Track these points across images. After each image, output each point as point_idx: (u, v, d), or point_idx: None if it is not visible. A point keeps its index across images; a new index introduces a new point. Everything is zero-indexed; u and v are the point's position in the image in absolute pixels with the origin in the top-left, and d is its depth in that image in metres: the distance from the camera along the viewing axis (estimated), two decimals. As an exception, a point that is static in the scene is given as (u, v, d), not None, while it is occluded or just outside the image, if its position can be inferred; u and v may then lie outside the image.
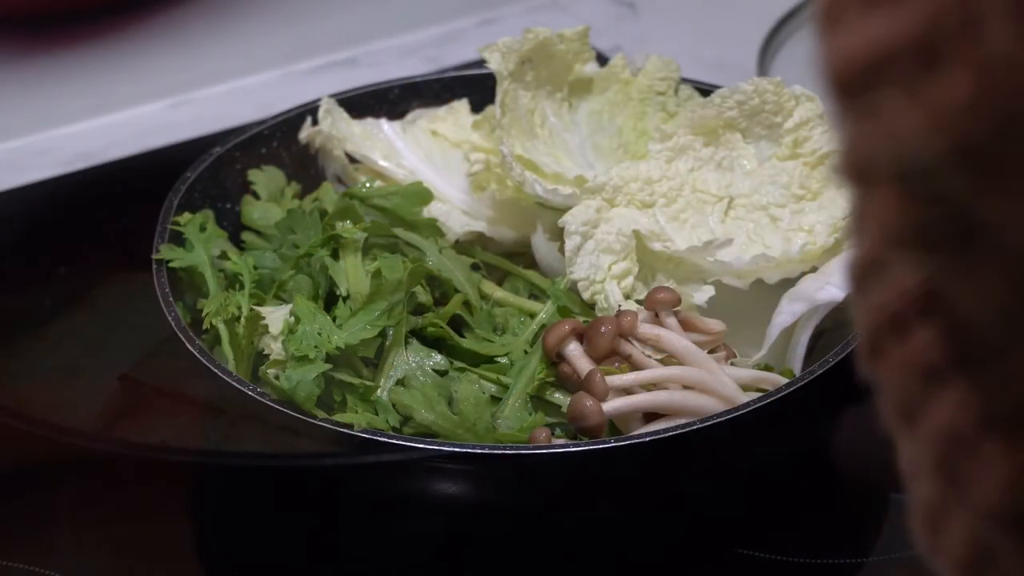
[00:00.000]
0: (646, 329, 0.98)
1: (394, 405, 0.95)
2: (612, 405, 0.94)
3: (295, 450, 0.98)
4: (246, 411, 0.95)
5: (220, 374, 0.93)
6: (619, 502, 1.00)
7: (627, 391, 0.95)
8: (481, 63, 1.12)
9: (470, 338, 1.01)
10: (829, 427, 0.98)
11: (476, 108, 1.16)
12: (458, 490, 0.93)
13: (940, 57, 0.41)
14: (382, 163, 1.12)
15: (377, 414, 0.95)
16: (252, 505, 1.05)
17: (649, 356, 0.97)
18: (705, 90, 1.12)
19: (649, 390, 0.96)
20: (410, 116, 1.17)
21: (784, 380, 0.97)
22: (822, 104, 1.07)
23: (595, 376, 0.95)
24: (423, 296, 1.00)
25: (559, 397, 0.98)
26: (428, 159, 1.13)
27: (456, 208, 1.10)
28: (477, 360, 1.00)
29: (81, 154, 1.33)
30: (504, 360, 1.00)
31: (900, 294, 0.45)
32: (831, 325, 1.02)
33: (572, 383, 0.97)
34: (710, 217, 1.05)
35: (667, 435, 0.91)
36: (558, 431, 0.96)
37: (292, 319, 0.96)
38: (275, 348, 0.96)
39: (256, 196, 1.12)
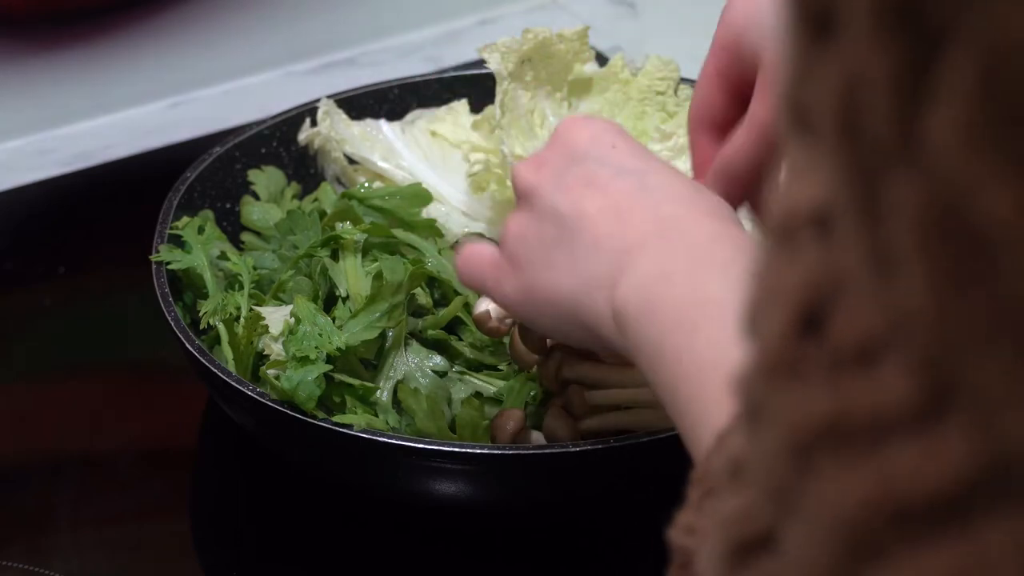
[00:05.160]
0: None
1: (398, 402, 0.95)
2: (587, 424, 0.95)
3: (294, 450, 0.98)
4: (246, 411, 0.95)
5: (220, 374, 0.93)
6: (620, 501, 1.00)
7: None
8: (481, 63, 1.12)
9: (468, 339, 1.01)
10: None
11: (476, 108, 1.16)
12: (458, 490, 0.93)
13: None
14: (381, 164, 1.12)
15: (377, 415, 0.95)
16: (252, 504, 1.05)
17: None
18: (705, 90, 1.12)
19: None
20: (409, 116, 1.17)
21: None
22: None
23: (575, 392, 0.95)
24: (423, 298, 1.00)
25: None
26: (427, 160, 1.13)
27: (456, 209, 1.10)
28: (479, 364, 1.00)
29: (81, 154, 1.33)
30: (505, 369, 1.00)
31: None
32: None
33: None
34: (710, 217, 1.05)
35: (667, 435, 0.91)
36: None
37: (292, 320, 0.96)
38: (275, 349, 0.96)
39: (256, 196, 1.12)
